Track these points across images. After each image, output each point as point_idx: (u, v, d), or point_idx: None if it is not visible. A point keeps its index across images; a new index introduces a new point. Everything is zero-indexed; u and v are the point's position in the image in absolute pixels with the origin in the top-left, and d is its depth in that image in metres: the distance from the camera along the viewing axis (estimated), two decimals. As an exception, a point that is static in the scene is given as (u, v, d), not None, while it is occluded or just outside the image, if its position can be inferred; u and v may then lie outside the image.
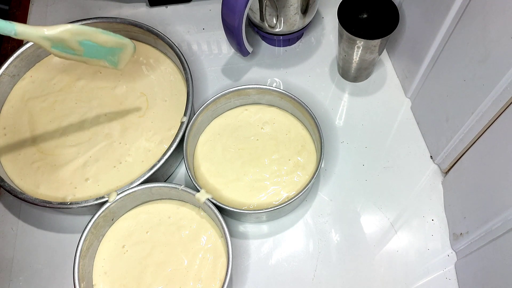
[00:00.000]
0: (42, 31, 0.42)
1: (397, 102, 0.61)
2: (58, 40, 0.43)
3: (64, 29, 0.43)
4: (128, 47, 0.50)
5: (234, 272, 0.52)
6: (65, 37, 0.43)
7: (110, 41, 0.47)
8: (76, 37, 0.44)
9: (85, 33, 0.45)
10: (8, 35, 0.41)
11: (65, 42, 0.44)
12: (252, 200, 0.52)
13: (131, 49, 0.50)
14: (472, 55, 0.44)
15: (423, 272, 0.51)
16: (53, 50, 0.44)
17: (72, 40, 0.44)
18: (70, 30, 0.44)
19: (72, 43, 0.44)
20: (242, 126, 0.57)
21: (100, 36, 0.46)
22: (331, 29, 0.67)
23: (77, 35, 0.44)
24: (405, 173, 0.57)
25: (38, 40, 0.42)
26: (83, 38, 0.45)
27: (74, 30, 0.44)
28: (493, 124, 0.44)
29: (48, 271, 0.52)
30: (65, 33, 0.43)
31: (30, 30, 0.41)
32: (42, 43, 0.43)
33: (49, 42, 0.43)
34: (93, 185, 0.52)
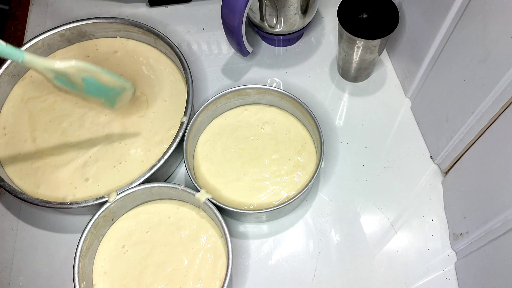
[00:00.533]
0: (50, 63, 0.43)
1: (397, 102, 0.61)
2: (63, 74, 0.44)
3: (71, 65, 0.44)
4: (129, 90, 0.50)
5: (234, 272, 0.52)
6: (71, 71, 0.44)
7: (112, 82, 0.48)
8: (81, 73, 0.45)
9: (90, 71, 0.46)
10: (16, 61, 0.41)
11: (69, 76, 0.44)
12: (252, 200, 0.52)
13: (131, 92, 0.50)
14: (472, 55, 0.44)
15: (423, 272, 0.51)
16: (56, 82, 0.45)
17: (76, 75, 0.45)
18: (77, 66, 0.44)
19: (75, 78, 0.45)
20: (242, 126, 0.57)
21: (103, 76, 0.47)
22: (331, 29, 0.67)
23: (82, 71, 0.45)
24: (405, 173, 0.57)
25: (44, 70, 0.43)
26: (87, 75, 0.46)
27: (80, 67, 0.45)
28: (493, 124, 0.44)
29: (48, 271, 0.52)
30: (71, 68, 0.44)
31: (37, 60, 0.42)
32: (46, 73, 0.43)
33: (54, 74, 0.44)
34: (93, 185, 0.52)
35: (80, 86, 0.46)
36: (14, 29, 0.68)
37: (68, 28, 0.59)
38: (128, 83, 0.49)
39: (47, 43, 0.59)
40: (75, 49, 0.61)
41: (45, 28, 0.60)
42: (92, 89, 0.47)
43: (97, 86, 0.47)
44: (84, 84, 0.46)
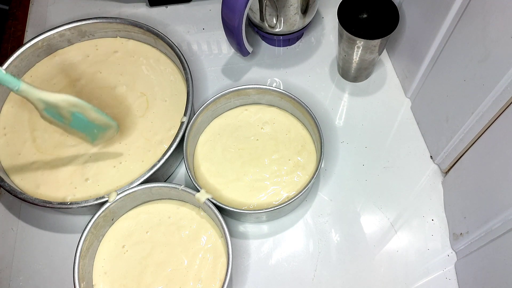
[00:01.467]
0: (44, 94, 0.44)
1: (397, 102, 0.61)
2: (54, 106, 0.45)
3: (63, 98, 0.45)
4: (113, 129, 0.51)
5: (234, 272, 0.52)
6: (62, 105, 0.45)
7: (99, 120, 0.49)
8: (71, 108, 0.46)
9: (80, 107, 0.47)
10: (11, 89, 0.42)
11: (59, 109, 0.45)
12: (252, 200, 0.52)
13: (114, 131, 0.52)
14: (472, 55, 0.44)
15: (423, 272, 0.51)
16: (44, 113, 0.46)
17: (66, 109, 0.46)
18: (68, 100, 0.45)
19: (65, 112, 0.46)
20: (242, 126, 0.57)
21: (92, 113, 0.48)
22: (331, 29, 0.67)
23: (73, 106, 0.46)
24: (405, 173, 0.57)
25: (36, 100, 0.44)
26: (77, 110, 0.47)
27: (72, 101, 0.46)
28: (493, 124, 0.44)
29: (48, 271, 0.52)
30: (63, 102, 0.45)
31: (32, 91, 0.43)
32: (38, 104, 0.44)
33: (45, 105, 0.44)
34: (93, 185, 0.52)
35: (68, 120, 0.47)
36: (14, 29, 0.68)
37: (68, 28, 0.59)
38: (113, 122, 0.51)
39: (47, 43, 0.59)
40: (75, 49, 0.61)
41: (45, 28, 0.60)
42: (78, 124, 0.48)
43: (84, 122, 0.48)
44: (72, 118, 0.47)
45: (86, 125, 0.49)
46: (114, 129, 0.51)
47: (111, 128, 0.51)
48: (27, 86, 0.43)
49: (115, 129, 0.51)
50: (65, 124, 0.48)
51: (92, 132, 0.50)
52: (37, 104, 0.44)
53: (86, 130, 0.50)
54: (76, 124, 0.48)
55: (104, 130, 0.51)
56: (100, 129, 0.50)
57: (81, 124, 0.48)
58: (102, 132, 0.51)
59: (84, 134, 0.50)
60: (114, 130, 0.52)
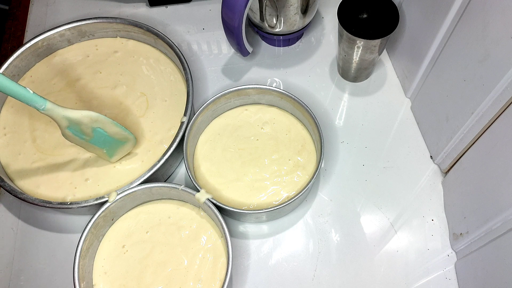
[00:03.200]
0: (68, 112, 0.45)
1: (397, 102, 0.61)
2: (77, 122, 0.46)
3: (86, 114, 0.46)
4: (131, 142, 0.52)
5: (234, 272, 0.52)
6: (84, 121, 0.47)
7: (119, 134, 0.50)
8: (93, 124, 0.47)
9: (102, 122, 0.48)
10: (37, 109, 0.43)
11: (81, 125, 0.47)
12: (252, 200, 0.52)
13: (132, 145, 0.53)
14: (472, 55, 0.44)
15: (423, 272, 0.51)
16: (66, 131, 0.47)
17: (88, 125, 0.47)
18: (90, 116, 0.47)
19: (87, 128, 0.47)
20: (242, 126, 0.57)
21: (113, 127, 0.49)
22: (331, 29, 0.67)
23: (95, 121, 0.47)
24: (405, 173, 0.57)
25: (60, 118, 0.45)
26: (98, 125, 0.48)
27: (93, 117, 0.47)
28: (493, 124, 0.44)
29: (48, 271, 0.52)
30: (86, 118, 0.47)
31: (57, 109, 0.45)
32: (62, 121, 0.45)
33: (68, 122, 0.46)
34: (93, 185, 0.52)
35: (89, 136, 0.48)
36: (14, 29, 0.68)
37: (68, 28, 0.59)
38: (131, 136, 0.52)
39: (47, 43, 0.59)
40: (75, 49, 0.61)
41: (45, 28, 0.60)
42: (99, 139, 0.49)
43: (105, 137, 0.49)
44: (93, 134, 0.48)
45: (106, 140, 0.50)
46: (132, 142, 0.52)
47: (130, 142, 0.52)
48: (52, 105, 0.44)
49: (132, 142, 0.52)
50: (86, 141, 0.49)
51: (111, 146, 0.51)
52: (61, 122, 0.45)
53: (106, 145, 0.50)
54: (97, 140, 0.49)
55: (122, 144, 0.52)
56: (119, 143, 0.51)
57: (102, 140, 0.50)
58: (120, 146, 0.52)
59: (103, 151, 0.51)
60: (132, 144, 0.52)
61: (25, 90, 0.42)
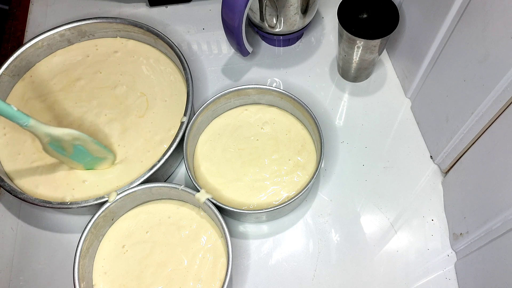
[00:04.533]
0: (51, 129, 0.46)
1: (397, 102, 0.61)
2: (58, 139, 0.47)
3: (68, 132, 0.48)
4: (110, 160, 0.53)
5: (234, 272, 0.52)
6: (66, 138, 0.48)
7: (98, 152, 0.51)
8: (74, 141, 0.49)
9: (83, 140, 0.49)
10: (20, 125, 0.44)
11: (63, 142, 0.48)
12: (252, 200, 0.52)
13: (110, 162, 0.53)
14: (472, 55, 0.44)
15: (423, 272, 0.51)
16: (47, 146, 0.48)
17: (69, 142, 0.48)
18: (72, 134, 0.48)
19: (67, 144, 0.48)
20: (242, 126, 0.57)
21: (93, 146, 0.50)
22: (331, 29, 0.67)
23: (76, 139, 0.49)
24: (405, 173, 0.57)
25: (43, 135, 0.46)
26: (79, 143, 0.49)
27: (75, 135, 0.48)
28: (493, 124, 0.44)
29: (48, 271, 0.52)
30: (67, 136, 0.48)
31: (40, 126, 0.45)
32: (43, 137, 0.46)
33: (50, 138, 0.47)
34: (93, 185, 0.52)
35: (69, 152, 0.49)
36: (14, 29, 0.68)
37: (68, 28, 0.59)
38: (111, 154, 0.53)
39: (47, 43, 0.59)
40: (75, 49, 0.61)
41: (45, 28, 0.60)
42: (78, 155, 0.50)
43: (85, 153, 0.51)
44: (73, 151, 0.49)
45: (85, 156, 0.51)
46: (110, 160, 0.53)
47: (109, 159, 0.53)
48: (35, 122, 0.45)
49: (111, 160, 0.53)
50: (66, 156, 0.50)
51: (90, 162, 0.52)
52: (42, 138, 0.46)
53: (85, 161, 0.51)
54: (77, 156, 0.50)
55: (101, 161, 0.52)
56: (98, 160, 0.52)
57: (81, 156, 0.51)
58: (99, 162, 0.52)
59: (82, 166, 0.52)
60: (111, 161, 0.53)
61: (9, 107, 0.43)
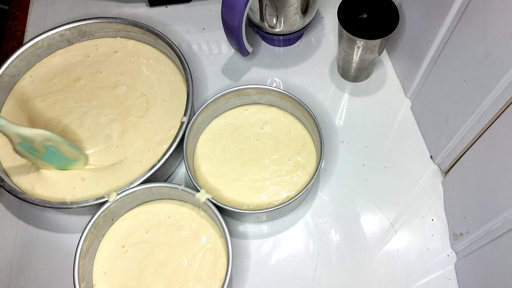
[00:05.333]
0: (21, 129, 0.46)
1: (397, 102, 0.61)
2: (29, 140, 0.46)
3: (39, 133, 0.47)
4: (82, 161, 0.53)
5: (234, 272, 0.52)
6: (37, 139, 0.47)
7: (70, 153, 0.51)
8: (45, 142, 0.48)
9: (54, 141, 0.49)
10: None
11: (34, 143, 0.47)
12: (252, 200, 0.52)
13: (82, 164, 0.53)
14: (472, 55, 0.44)
15: (423, 272, 0.51)
16: (18, 147, 0.47)
17: (41, 143, 0.48)
18: (43, 135, 0.47)
19: (39, 145, 0.48)
20: (242, 126, 0.57)
21: (65, 147, 0.50)
22: (331, 29, 0.67)
23: (47, 140, 0.48)
24: (405, 173, 0.57)
25: (13, 135, 0.45)
26: (50, 144, 0.48)
27: (47, 136, 0.48)
28: (493, 124, 0.44)
29: (48, 271, 0.52)
30: (38, 136, 0.47)
31: (11, 126, 0.45)
32: (14, 138, 0.46)
33: (20, 139, 0.46)
34: (93, 185, 0.52)
35: (40, 153, 0.49)
36: (14, 29, 0.68)
37: (68, 28, 0.59)
38: (83, 156, 0.52)
39: (47, 43, 0.59)
40: (75, 49, 0.61)
41: (45, 28, 0.60)
42: (50, 157, 0.50)
43: (57, 155, 0.50)
44: (45, 152, 0.49)
45: (57, 158, 0.50)
46: (82, 161, 0.53)
47: (80, 161, 0.53)
48: (5, 122, 0.44)
49: (83, 161, 0.53)
50: (37, 158, 0.49)
51: (62, 164, 0.52)
52: (13, 138, 0.46)
53: (56, 162, 0.51)
54: (48, 157, 0.50)
55: (73, 162, 0.52)
56: (70, 162, 0.52)
57: (52, 157, 0.50)
58: (71, 164, 0.52)
59: (53, 167, 0.52)
60: (83, 163, 0.53)
61: None
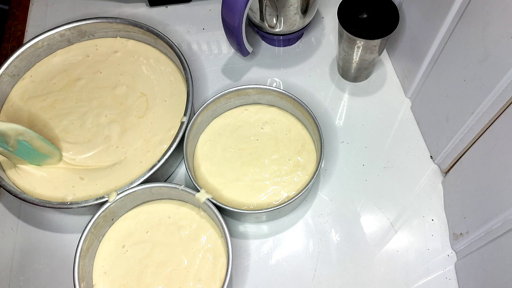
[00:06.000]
0: None
1: (397, 102, 0.61)
2: (2, 134, 0.46)
3: (12, 127, 0.47)
4: (56, 157, 0.53)
5: (234, 272, 0.52)
6: (9, 133, 0.47)
7: (44, 148, 0.51)
8: (18, 136, 0.48)
9: (27, 135, 0.48)
10: None
11: (6, 137, 0.47)
12: (252, 200, 0.52)
13: (57, 160, 0.53)
14: (472, 55, 0.44)
15: (423, 272, 0.51)
16: None
17: (13, 137, 0.47)
18: (17, 129, 0.47)
19: (11, 139, 0.48)
20: (242, 126, 0.57)
21: (38, 142, 0.50)
22: (331, 29, 0.67)
23: (20, 134, 0.48)
24: (405, 173, 0.57)
25: None
26: (23, 138, 0.48)
27: (20, 130, 0.47)
28: (493, 124, 0.44)
29: (48, 271, 0.52)
30: (11, 130, 0.47)
31: None
32: None
33: None
34: (93, 185, 0.52)
35: (13, 147, 0.48)
36: (14, 29, 0.68)
37: (68, 28, 0.59)
38: (57, 151, 0.52)
39: (47, 43, 0.59)
40: (75, 49, 0.61)
41: (45, 28, 0.60)
42: (23, 151, 0.50)
43: (29, 150, 0.50)
44: (18, 146, 0.49)
45: (30, 153, 0.50)
46: (57, 157, 0.53)
47: (54, 156, 0.53)
48: None
49: (57, 157, 0.53)
50: (9, 152, 0.49)
51: (35, 159, 0.52)
52: None
53: (30, 157, 0.51)
54: (21, 152, 0.50)
55: (47, 158, 0.52)
56: (44, 157, 0.52)
57: (26, 152, 0.50)
58: (45, 159, 0.52)
59: (26, 162, 0.52)
60: (57, 159, 0.53)
61: None
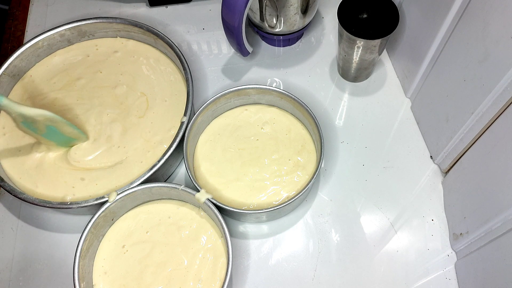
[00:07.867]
0: (23, 109, 0.47)
1: (397, 102, 0.61)
2: (31, 119, 0.48)
3: (40, 113, 0.48)
4: (82, 139, 0.54)
5: (234, 272, 0.52)
6: (38, 119, 0.48)
7: (71, 133, 0.52)
8: (47, 122, 0.49)
9: (55, 121, 0.50)
10: None
11: (35, 122, 0.48)
12: (252, 200, 0.52)
13: (82, 141, 0.54)
14: (472, 55, 0.44)
15: (423, 272, 0.51)
16: (21, 125, 0.48)
17: (42, 122, 0.49)
18: (45, 115, 0.48)
19: (40, 124, 0.49)
20: (242, 126, 0.57)
21: (66, 127, 0.51)
22: (331, 29, 0.67)
23: (49, 120, 0.49)
24: (405, 173, 0.57)
25: (16, 114, 0.47)
26: (51, 124, 0.49)
27: (48, 116, 0.48)
28: (493, 124, 0.44)
29: (48, 271, 0.52)
30: (40, 116, 0.48)
31: (13, 105, 0.46)
32: (16, 117, 0.47)
33: (23, 118, 0.47)
34: (93, 185, 0.52)
35: (42, 131, 0.50)
36: (14, 29, 0.68)
37: (68, 28, 0.59)
38: (83, 135, 0.54)
39: (47, 43, 0.59)
40: (75, 49, 0.61)
41: (45, 28, 0.60)
42: (51, 135, 0.51)
43: (57, 134, 0.51)
44: (46, 130, 0.50)
45: (58, 136, 0.52)
46: (83, 139, 0.54)
47: (81, 139, 0.54)
48: (8, 101, 0.45)
49: (84, 140, 0.54)
50: (38, 135, 0.50)
51: (62, 141, 0.53)
52: (16, 117, 0.47)
53: (57, 140, 0.52)
54: (49, 135, 0.51)
55: (73, 140, 0.53)
56: (70, 140, 0.53)
57: (53, 135, 0.51)
58: (71, 141, 0.53)
59: (54, 143, 0.53)
60: (83, 140, 0.54)
61: None
